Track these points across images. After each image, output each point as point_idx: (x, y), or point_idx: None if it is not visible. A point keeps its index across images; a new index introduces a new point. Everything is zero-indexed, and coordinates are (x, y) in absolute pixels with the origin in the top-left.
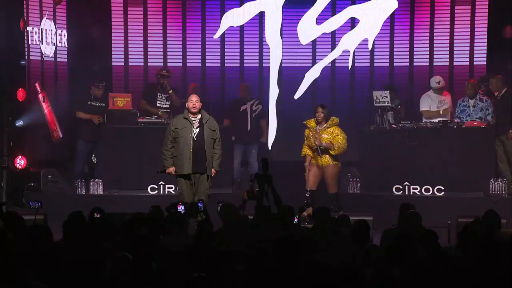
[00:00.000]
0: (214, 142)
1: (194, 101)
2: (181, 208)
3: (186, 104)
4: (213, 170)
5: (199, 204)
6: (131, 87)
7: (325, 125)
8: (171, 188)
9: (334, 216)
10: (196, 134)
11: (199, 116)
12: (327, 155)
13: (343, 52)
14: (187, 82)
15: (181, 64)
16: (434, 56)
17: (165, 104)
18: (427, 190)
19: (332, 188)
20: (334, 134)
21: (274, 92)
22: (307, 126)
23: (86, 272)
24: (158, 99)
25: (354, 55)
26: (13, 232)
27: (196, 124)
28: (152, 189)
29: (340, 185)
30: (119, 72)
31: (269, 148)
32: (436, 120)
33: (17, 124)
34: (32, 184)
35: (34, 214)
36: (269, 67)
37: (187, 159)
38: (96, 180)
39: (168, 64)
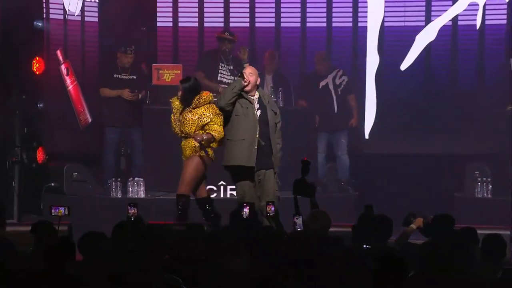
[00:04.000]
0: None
1: (247, 73)
2: (245, 211)
3: None
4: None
5: (271, 208)
6: (181, 56)
7: (191, 105)
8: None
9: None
10: (258, 118)
11: (256, 94)
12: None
13: (468, 5)
14: (257, 49)
15: (248, 25)
16: None
17: (228, 79)
18: None
19: (202, 190)
20: (204, 118)
21: (373, 61)
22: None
23: None
24: (220, 71)
25: (484, 9)
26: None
27: (256, 105)
28: (210, 191)
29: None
30: (166, 36)
31: (366, 136)
32: None
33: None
34: (52, 184)
35: (57, 223)
36: (366, 27)
37: (251, 147)
38: (136, 179)
39: (231, 25)
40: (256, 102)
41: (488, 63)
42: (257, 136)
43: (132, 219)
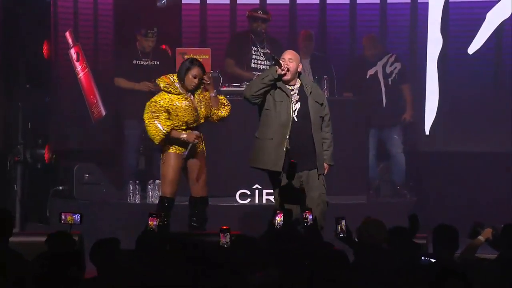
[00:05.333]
0: (322, 122)
1: (286, 59)
2: (278, 220)
3: None
4: (325, 165)
5: (309, 216)
6: (210, 39)
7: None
8: (272, 194)
9: None
10: (296, 111)
11: (297, 83)
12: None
13: None
14: (297, 28)
15: (288, 1)
16: None
17: (264, 64)
18: None
19: (204, 188)
20: (207, 97)
21: (435, 43)
22: (164, 88)
23: None
24: (253, 56)
25: None
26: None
27: (295, 97)
28: (243, 196)
29: None
30: (192, 15)
31: (426, 132)
32: None
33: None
34: (60, 187)
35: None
36: (427, 3)
37: (279, 149)
38: (157, 182)
39: (268, 2)
40: (296, 93)
41: None
42: (287, 136)
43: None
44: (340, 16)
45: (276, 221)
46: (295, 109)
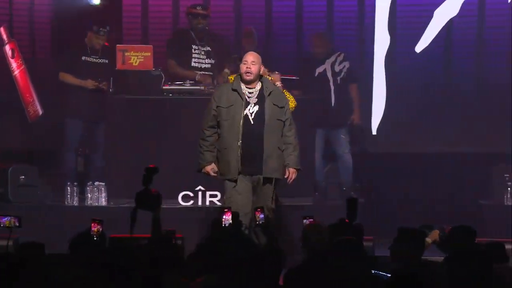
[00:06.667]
0: (284, 126)
1: (249, 61)
2: (227, 219)
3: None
4: (291, 169)
5: (260, 215)
6: (152, 35)
7: None
8: (216, 196)
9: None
10: (253, 113)
11: (258, 85)
12: None
13: None
14: (242, 25)
15: None
16: None
17: (206, 62)
18: None
19: None
20: None
21: (382, 41)
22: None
23: None
24: (194, 54)
25: None
26: None
27: (254, 99)
28: (185, 198)
29: None
30: (134, 11)
31: (373, 132)
32: None
33: None
34: None
35: (7, 237)
36: (374, 1)
37: (234, 156)
38: (97, 183)
39: None
40: (255, 96)
41: None
42: (240, 140)
43: (95, 238)
44: (287, 13)
45: (224, 219)
46: (253, 112)
